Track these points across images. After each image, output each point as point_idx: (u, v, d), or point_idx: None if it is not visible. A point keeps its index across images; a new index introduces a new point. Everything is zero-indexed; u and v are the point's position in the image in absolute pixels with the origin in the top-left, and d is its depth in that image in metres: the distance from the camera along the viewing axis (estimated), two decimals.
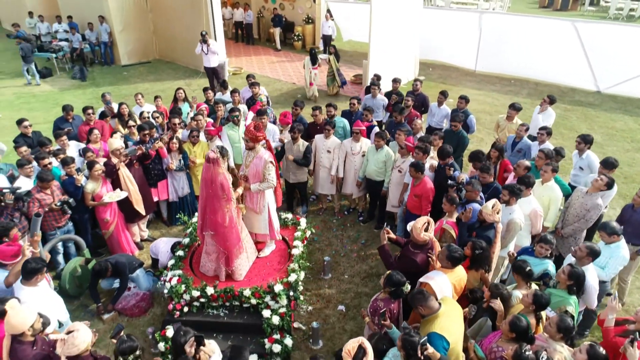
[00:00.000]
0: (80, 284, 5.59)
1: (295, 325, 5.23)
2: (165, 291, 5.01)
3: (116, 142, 6.03)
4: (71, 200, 5.51)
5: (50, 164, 5.71)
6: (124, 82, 13.92)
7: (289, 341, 4.71)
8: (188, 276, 5.08)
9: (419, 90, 8.71)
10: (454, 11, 16.61)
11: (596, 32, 12.41)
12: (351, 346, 3.21)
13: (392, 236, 4.67)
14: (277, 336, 4.71)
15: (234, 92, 8.24)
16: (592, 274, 4.14)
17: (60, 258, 5.89)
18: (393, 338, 3.61)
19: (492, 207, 4.59)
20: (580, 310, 4.42)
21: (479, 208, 4.79)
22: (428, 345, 3.15)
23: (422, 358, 3.12)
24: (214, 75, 12.20)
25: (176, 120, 7.03)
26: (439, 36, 14.73)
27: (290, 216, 6.26)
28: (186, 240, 5.72)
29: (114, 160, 5.88)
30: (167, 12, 14.88)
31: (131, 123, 7.22)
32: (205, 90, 8.78)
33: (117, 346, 3.34)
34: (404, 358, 3.23)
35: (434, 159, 6.19)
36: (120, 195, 5.82)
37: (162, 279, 5.23)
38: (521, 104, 7.72)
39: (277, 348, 4.62)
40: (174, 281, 4.97)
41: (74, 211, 5.64)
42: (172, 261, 5.38)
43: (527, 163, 5.62)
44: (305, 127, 7.47)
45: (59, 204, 5.42)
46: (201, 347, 3.36)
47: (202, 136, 7.02)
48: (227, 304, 4.95)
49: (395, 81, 9.03)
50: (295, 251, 5.51)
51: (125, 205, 6.03)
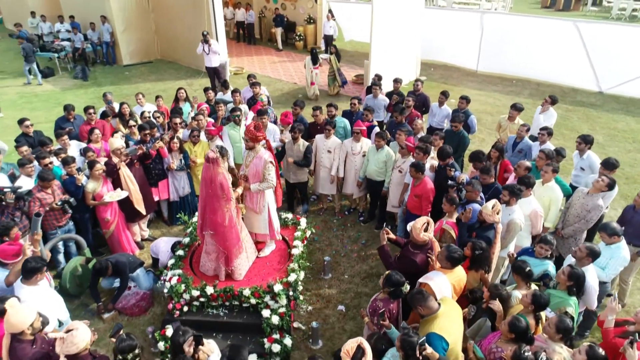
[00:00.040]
0: (80, 283, 5.60)
1: (295, 325, 5.24)
2: (165, 290, 5.02)
3: (117, 141, 6.05)
4: (72, 200, 5.53)
5: (51, 163, 5.74)
6: (126, 82, 13.94)
7: (288, 341, 4.71)
8: (188, 276, 5.09)
9: (420, 91, 8.72)
10: (455, 11, 16.59)
11: (598, 32, 12.37)
12: (350, 346, 3.21)
13: (392, 236, 4.67)
14: (276, 336, 4.72)
15: (234, 92, 8.25)
16: (592, 274, 4.13)
17: (61, 257, 5.91)
18: (392, 338, 3.61)
19: (492, 208, 4.58)
20: (581, 311, 4.41)
21: (479, 208, 4.78)
22: (426, 345, 3.15)
23: (421, 358, 3.12)
24: (216, 75, 12.22)
25: (177, 120, 7.05)
26: (441, 36, 14.71)
27: (290, 216, 6.26)
28: (186, 240, 5.73)
29: (115, 160, 5.90)
30: (169, 12, 14.91)
31: (132, 123, 7.24)
32: (205, 90, 8.79)
33: (116, 345, 3.35)
34: (402, 358, 3.23)
35: (434, 159, 6.18)
36: (120, 194, 5.84)
37: (162, 278, 5.24)
38: (523, 104, 7.70)
39: (276, 348, 4.63)
40: (173, 280, 4.98)
41: (74, 210, 5.66)
42: (172, 261, 5.40)
43: (527, 164, 5.61)
44: (306, 127, 7.48)
45: (59, 203, 5.43)
46: (200, 347, 3.36)
47: (203, 136, 7.04)
48: (227, 303, 4.96)
49: (397, 81, 9.02)
50: (295, 251, 5.51)
51: (125, 205, 6.04)
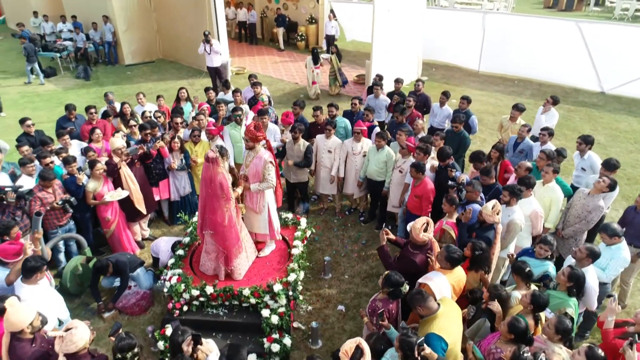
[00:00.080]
0: (81, 282, 5.62)
1: (295, 325, 5.24)
2: (165, 290, 5.03)
3: (118, 141, 6.07)
4: (73, 199, 5.54)
5: (52, 162, 5.75)
6: (128, 82, 13.97)
7: (287, 341, 4.71)
8: (188, 275, 5.10)
9: (421, 91, 8.72)
10: (457, 11, 16.55)
11: (600, 32, 12.32)
12: (349, 346, 3.21)
13: (392, 237, 4.67)
14: (276, 336, 4.72)
15: (235, 91, 8.25)
16: (592, 275, 4.12)
17: (61, 256, 5.92)
18: (391, 338, 3.61)
19: (492, 208, 4.57)
20: (581, 312, 4.40)
21: (479, 209, 4.78)
22: (425, 345, 3.15)
23: (419, 359, 3.11)
24: (217, 75, 12.23)
25: (178, 120, 7.07)
26: (443, 36, 14.68)
27: (290, 216, 6.26)
28: (186, 240, 5.74)
29: (116, 160, 5.91)
30: (170, 11, 14.93)
31: (132, 123, 7.25)
32: (206, 90, 8.80)
33: (115, 344, 3.35)
34: (401, 358, 3.22)
35: (434, 159, 6.17)
36: (121, 194, 5.85)
37: (162, 277, 5.25)
38: (525, 104, 7.68)
39: (275, 347, 4.63)
40: (173, 280, 4.99)
41: (75, 210, 5.67)
42: (172, 260, 5.40)
43: (528, 164, 5.59)
44: (307, 127, 7.48)
45: (60, 202, 5.45)
46: (198, 346, 3.37)
47: (204, 136, 7.04)
48: (227, 303, 4.96)
49: (398, 81, 9.01)
50: (295, 251, 5.51)
51: (126, 204, 6.05)
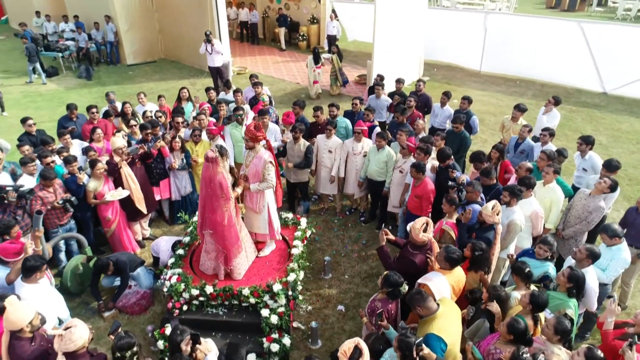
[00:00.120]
0: (81, 281, 5.63)
1: (295, 324, 5.24)
2: (165, 289, 5.03)
3: (118, 141, 6.09)
4: (73, 199, 5.55)
5: (53, 162, 5.76)
6: (129, 82, 14.00)
7: (287, 340, 4.71)
8: (187, 275, 5.10)
9: (422, 91, 8.72)
10: (459, 11, 16.52)
11: (603, 32, 12.29)
12: (347, 347, 3.21)
13: (391, 237, 4.66)
14: (275, 335, 4.72)
15: (236, 91, 8.26)
16: (592, 276, 4.11)
17: (62, 256, 5.93)
18: (390, 338, 3.60)
19: (492, 209, 4.56)
20: (581, 313, 4.39)
21: (479, 209, 4.77)
22: (423, 346, 3.15)
23: (418, 359, 3.11)
24: (218, 75, 12.25)
25: (179, 120, 7.08)
26: (444, 36, 14.68)
27: (290, 216, 6.26)
28: (187, 239, 5.75)
29: (116, 159, 5.93)
30: (172, 11, 14.96)
31: (133, 122, 7.26)
32: (207, 90, 8.81)
33: (114, 343, 3.36)
34: (400, 359, 3.22)
35: (435, 159, 6.16)
36: (122, 193, 5.86)
37: (162, 277, 5.26)
38: (526, 105, 7.66)
39: (275, 347, 4.63)
40: (173, 279, 5.00)
41: (76, 209, 5.68)
42: (172, 259, 5.41)
43: (528, 165, 5.58)
44: (307, 127, 7.48)
45: (61, 202, 5.46)
46: (197, 346, 3.37)
47: (205, 135, 7.05)
48: (226, 302, 4.96)
49: (399, 81, 9.01)
50: (295, 251, 5.51)
51: (127, 204, 6.06)
